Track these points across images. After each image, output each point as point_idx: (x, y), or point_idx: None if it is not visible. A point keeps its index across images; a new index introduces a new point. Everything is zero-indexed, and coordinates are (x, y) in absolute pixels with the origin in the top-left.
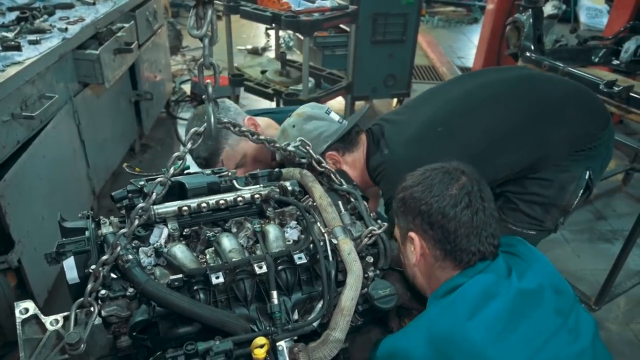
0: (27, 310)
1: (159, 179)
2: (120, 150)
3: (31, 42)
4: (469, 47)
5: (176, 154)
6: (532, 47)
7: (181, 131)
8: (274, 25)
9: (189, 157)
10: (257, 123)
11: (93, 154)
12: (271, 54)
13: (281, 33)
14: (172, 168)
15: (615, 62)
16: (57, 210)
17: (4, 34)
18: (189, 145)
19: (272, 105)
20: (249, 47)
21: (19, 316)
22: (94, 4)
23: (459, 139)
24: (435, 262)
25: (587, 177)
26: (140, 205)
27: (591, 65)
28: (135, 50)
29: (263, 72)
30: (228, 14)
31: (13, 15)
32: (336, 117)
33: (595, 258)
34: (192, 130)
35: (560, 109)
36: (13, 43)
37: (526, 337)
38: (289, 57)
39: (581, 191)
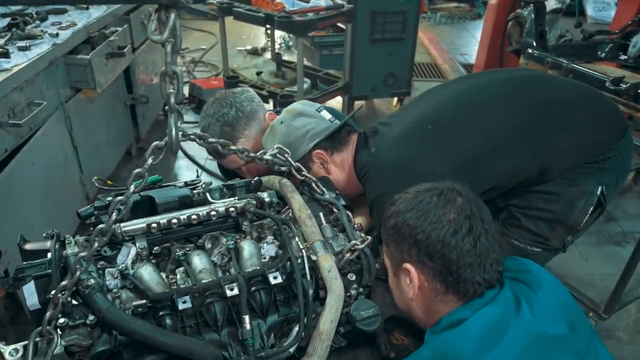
0: None
1: (118, 198)
2: (116, 155)
3: (20, 49)
4: (472, 43)
5: (136, 170)
6: (534, 44)
7: None
8: (267, 26)
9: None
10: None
11: (87, 159)
12: (270, 55)
13: (280, 33)
14: (132, 185)
15: (623, 57)
16: (49, 217)
17: None
18: (149, 161)
19: (269, 106)
20: (249, 47)
21: None
22: (87, 8)
23: (451, 139)
24: (436, 296)
25: (598, 192)
26: (100, 226)
27: (597, 61)
28: (128, 54)
29: (259, 73)
30: (222, 16)
31: (5, 22)
32: (327, 116)
33: (605, 262)
34: (153, 144)
35: (566, 113)
36: (1, 50)
37: None
38: (287, 57)
39: (591, 208)
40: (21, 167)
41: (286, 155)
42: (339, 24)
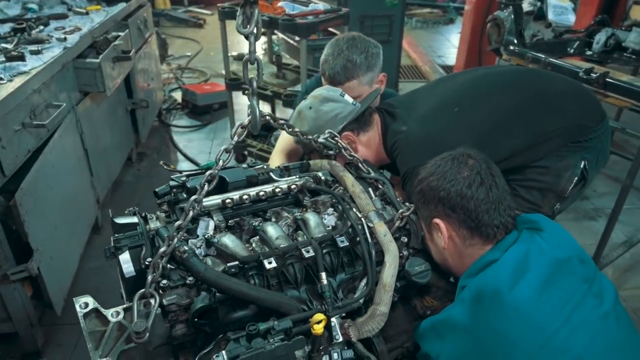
0: (87, 304)
1: (209, 171)
2: (119, 159)
3: (33, 52)
4: (447, 46)
5: (224, 146)
6: (515, 41)
7: (176, 137)
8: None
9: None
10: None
11: (96, 163)
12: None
13: (265, 38)
14: (220, 161)
15: (588, 52)
16: (67, 219)
17: (3, 45)
18: (235, 138)
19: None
20: (234, 53)
21: (79, 310)
22: (87, 13)
23: (471, 119)
24: (464, 241)
25: (582, 166)
26: (194, 197)
27: (567, 57)
28: (133, 57)
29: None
30: (223, 20)
31: (7, 27)
32: (350, 100)
33: (582, 234)
34: (238, 123)
35: (556, 101)
36: (16, 53)
37: (560, 302)
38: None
39: (576, 178)
40: (44, 168)
41: (336, 139)
42: (329, 28)
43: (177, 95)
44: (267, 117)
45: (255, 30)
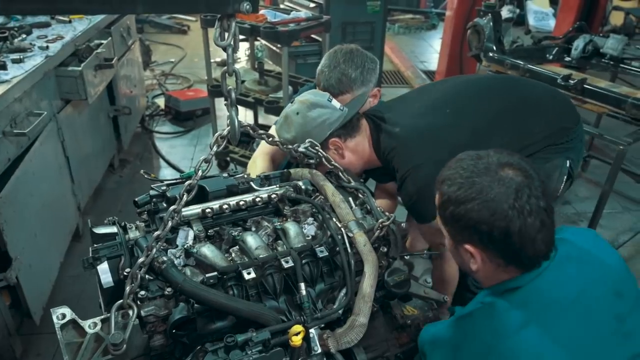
0: (64, 315)
1: (188, 182)
2: (101, 166)
3: (15, 61)
4: (430, 51)
5: (203, 157)
6: (495, 48)
7: (158, 144)
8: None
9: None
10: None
11: (77, 170)
12: (238, 65)
13: (246, 45)
14: (200, 171)
15: (567, 58)
16: (47, 227)
17: None
18: (214, 148)
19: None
20: (218, 59)
21: (57, 322)
22: (70, 22)
23: (463, 117)
24: (497, 268)
25: (568, 165)
26: (173, 207)
27: (546, 63)
28: (115, 65)
29: (242, 82)
30: (205, 27)
31: None
32: (337, 105)
33: None
34: (217, 134)
35: (540, 106)
36: None
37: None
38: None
39: (565, 178)
40: (25, 176)
41: (316, 148)
42: (312, 35)
43: (161, 102)
44: (247, 127)
45: (232, 43)
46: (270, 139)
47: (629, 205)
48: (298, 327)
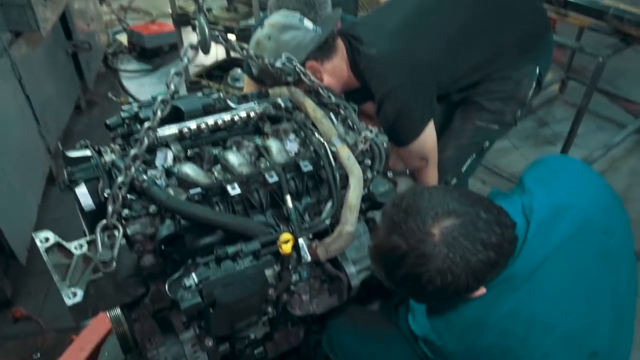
0: (47, 239)
1: (161, 97)
2: (68, 108)
3: None
4: None
5: (174, 69)
6: None
7: (126, 83)
8: None
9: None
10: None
11: (41, 111)
12: None
13: None
14: (172, 84)
15: None
16: (18, 169)
17: None
18: (185, 60)
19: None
20: None
21: (40, 245)
22: None
23: (437, 25)
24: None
25: (537, 72)
26: (147, 124)
27: None
28: None
29: (209, 10)
30: None
31: None
32: (310, 25)
33: None
34: (187, 44)
35: (512, 11)
36: None
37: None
38: None
39: (534, 83)
40: None
41: (294, 62)
42: None
43: (123, 38)
44: (217, 34)
45: None
46: (244, 50)
47: (604, 124)
48: (287, 235)
